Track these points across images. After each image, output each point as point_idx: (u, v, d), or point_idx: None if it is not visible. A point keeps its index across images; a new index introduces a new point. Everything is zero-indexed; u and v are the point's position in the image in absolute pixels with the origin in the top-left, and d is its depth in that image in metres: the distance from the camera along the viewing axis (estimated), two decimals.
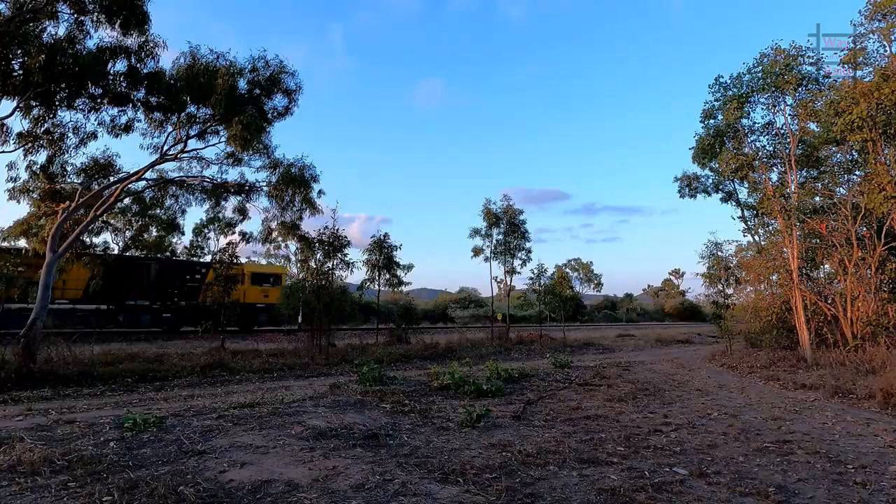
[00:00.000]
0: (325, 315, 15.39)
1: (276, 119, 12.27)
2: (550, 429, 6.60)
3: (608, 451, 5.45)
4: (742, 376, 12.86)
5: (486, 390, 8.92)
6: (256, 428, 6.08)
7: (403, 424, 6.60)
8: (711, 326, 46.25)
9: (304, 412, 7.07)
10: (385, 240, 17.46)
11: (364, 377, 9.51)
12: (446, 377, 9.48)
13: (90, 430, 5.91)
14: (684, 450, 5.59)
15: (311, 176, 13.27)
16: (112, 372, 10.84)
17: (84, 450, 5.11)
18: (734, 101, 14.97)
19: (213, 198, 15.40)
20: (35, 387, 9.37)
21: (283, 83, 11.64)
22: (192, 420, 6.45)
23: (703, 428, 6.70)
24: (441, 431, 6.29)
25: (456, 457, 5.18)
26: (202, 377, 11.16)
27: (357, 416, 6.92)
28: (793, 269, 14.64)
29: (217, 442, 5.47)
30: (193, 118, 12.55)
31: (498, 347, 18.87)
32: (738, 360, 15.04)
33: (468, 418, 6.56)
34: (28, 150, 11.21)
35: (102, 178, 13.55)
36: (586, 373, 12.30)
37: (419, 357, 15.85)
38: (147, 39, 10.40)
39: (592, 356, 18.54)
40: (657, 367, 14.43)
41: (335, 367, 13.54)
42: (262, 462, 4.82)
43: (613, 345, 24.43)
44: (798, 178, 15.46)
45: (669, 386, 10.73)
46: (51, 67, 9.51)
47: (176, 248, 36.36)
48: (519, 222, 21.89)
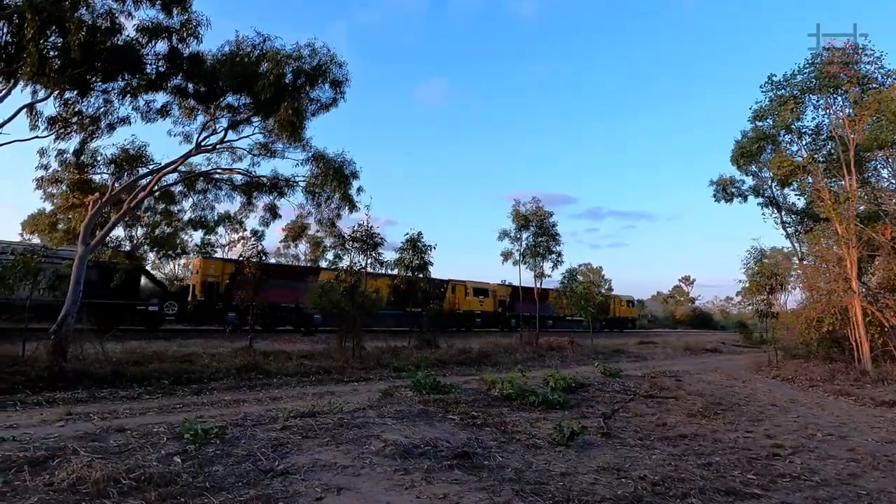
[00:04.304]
0: (359, 317, 14.74)
1: (320, 112, 11.61)
2: (650, 449, 5.93)
3: (741, 480, 4.77)
4: (804, 390, 12.15)
5: (554, 402, 8.25)
6: (332, 443, 5.42)
7: (486, 441, 5.94)
8: (728, 334, 45.73)
9: (373, 423, 6.41)
10: (419, 239, 16.81)
11: (419, 384, 8.84)
12: (506, 386, 8.82)
13: (147, 442, 5.27)
14: (825, 480, 4.91)
15: (352, 172, 12.60)
16: (143, 372, 10.22)
17: (149, 466, 4.47)
18: (790, 102, 14.25)
19: (245, 193, 14.78)
20: (68, 387, 8.76)
21: (331, 73, 10.97)
22: (255, 431, 5.81)
23: (821, 452, 6.01)
24: (533, 450, 5.62)
25: (572, 483, 4.52)
26: (239, 380, 10.52)
27: (432, 430, 6.26)
28: (851, 278, 13.91)
29: (295, 459, 4.82)
30: (232, 108, 11.95)
31: (531, 353, 18.17)
32: (792, 371, 14.29)
33: (560, 436, 5.89)
34: (60, 134, 10.62)
35: (132, 169, 12.95)
36: (641, 383, 11.59)
37: (455, 362, 15.16)
38: (189, 18, 9.80)
39: (629, 364, 17.80)
40: (707, 378, 13.69)
41: (372, 371, 12.90)
42: (358, 486, 4.17)
43: (641, 352, 23.66)
44: (856, 183, 14.72)
45: (738, 400, 10.03)
46: (90, 47, 8.94)
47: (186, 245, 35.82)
48: (549, 225, 21.21)
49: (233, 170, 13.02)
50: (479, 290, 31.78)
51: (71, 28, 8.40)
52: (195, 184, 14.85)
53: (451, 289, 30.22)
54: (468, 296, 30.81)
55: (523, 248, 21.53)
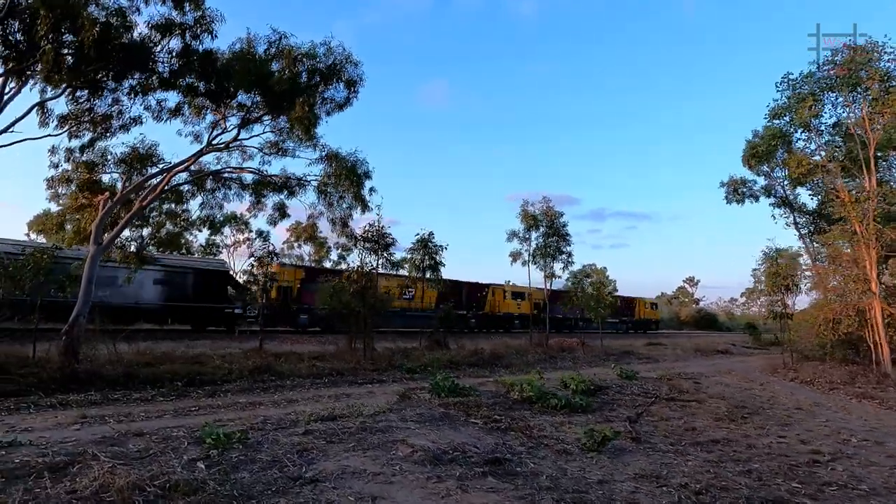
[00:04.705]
0: (370, 318, 14.57)
1: (334, 111, 11.43)
2: (684, 455, 5.74)
3: (786, 489, 4.58)
4: (825, 393, 11.93)
5: (576, 405, 8.07)
6: (357, 448, 5.26)
7: (514, 446, 5.76)
8: (735, 336, 45.40)
9: (396, 428, 6.24)
10: (430, 239, 16.62)
11: (437, 387, 8.67)
12: (526, 389, 8.64)
13: (168, 446, 5.11)
14: (874, 489, 4.71)
15: (365, 171, 12.43)
16: (155, 373, 10.08)
17: (173, 472, 4.30)
18: (809, 99, 14.03)
19: (254, 193, 14.63)
20: (81, 389, 8.62)
21: (346, 73, 10.79)
22: (277, 435, 5.64)
23: (862, 459, 5.81)
24: (564, 456, 5.44)
25: (611, 492, 4.34)
26: (252, 381, 10.36)
27: (457, 435, 6.09)
28: (871, 279, 13.68)
29: (322, 465, 4.66)
30: (244, 106, 11.80)
31: (543, 355, 17.96)
32: (809, 374, 14.06)
33: (591, 441, 5.71)
34: (72, 133, 10.49)
35: (142, 168, 12.82)
36: (660, 386, 11.39)
37: (467, 364, 14.97)
38: (204, 14, 9.65)
39: (641, 365, 17.56)
40: (724, 380, 13.48)
41: (384, 372, 12.73)
42: (392, 495, 4.01)
43: (651, 353, 23.39)
44: (875, 182, 14.49)
45: (761, 403, 9.82)
46: (104, 44, 8.81)
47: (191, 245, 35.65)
48: (560, 225, 21.00)
49: (245, 168, 12.89)
50: (516, 293, 33.05)
51: (85, 24, 8.26)
52: (204, 183, 14.71)
53: (491, 292, 31.39)
54: (507, 299, 31.93)
55: (532, 248, 21.32)
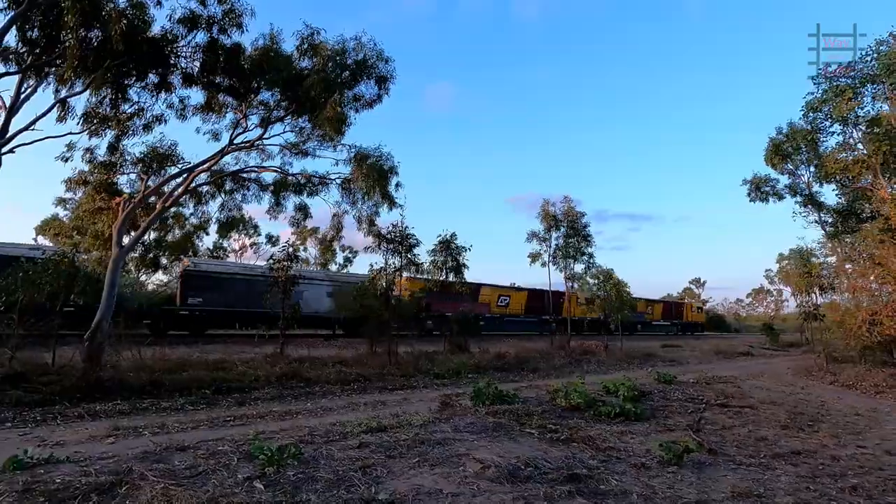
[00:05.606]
0: (394, 321, 14.17)
1: (364, 108, 11.03)
2: (770, 469, 5.29)
3: None
4: (871, 397, 11.48)
5: (629, 412, 7.63)
6: (423, 463, 4.84)
7: (586, 460, 5.32)
8: (747, 337, 44.91)
9: (452, 440, 5.82)
10: (452, 240, 16.19)
11: (479, 394, 8.25)
12: (573, 396, 8.20)
13: (217, 463, 4.71)
14: None
15: (391, 167, 12.02)
16: (181, 381, 9.69)
17: (232, 494, 3.90)
18: (848, 91, 13.56)
19: (274, 193, 14.26)
20: (105, 397, 8.24)
21: (377, 69, 10.40)
22: (330, 449, 5.23)
23: None
24: (644, 471, 5.00)
25: None
26: (281, 388, 9.97)
27: (518, 447, 5.66)
28: None
29: (392, 485, 4.24)
30: (266, 104, 11.44)
31: (567, 359, 17.50)
32: (851, 377, 13.59)
33: (670, 455, 5.28)
34: (93, 131, 10.14)
35: (161, 168, 12.46)
36: (701, 391, 10.91)
37: (492, 368, 14.55)
38: (232, 7, 9.29)
39: (668, 368, 17.05)
40: (763, 384, 12.99)
41: (412, 378, 12.32)
42: None
43: (672, 356, 22.83)
44: None
45: (816, 409, 9.36)
46: (131, 38, 8.45)
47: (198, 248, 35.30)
48: (581, 225, 20.57)
49: (268, 167, 12.52)
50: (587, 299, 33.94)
51: (112, 16, 7.91)
52: (224, 184, 14.36)
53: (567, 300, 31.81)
54: (580, 305, 33.57)
55: (552, 249, 20.88)
